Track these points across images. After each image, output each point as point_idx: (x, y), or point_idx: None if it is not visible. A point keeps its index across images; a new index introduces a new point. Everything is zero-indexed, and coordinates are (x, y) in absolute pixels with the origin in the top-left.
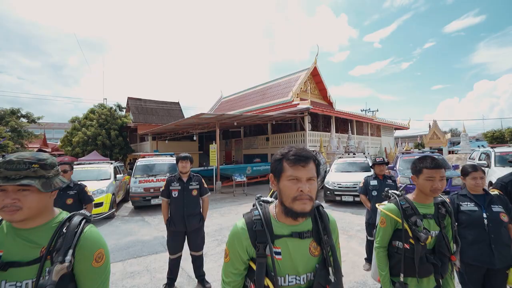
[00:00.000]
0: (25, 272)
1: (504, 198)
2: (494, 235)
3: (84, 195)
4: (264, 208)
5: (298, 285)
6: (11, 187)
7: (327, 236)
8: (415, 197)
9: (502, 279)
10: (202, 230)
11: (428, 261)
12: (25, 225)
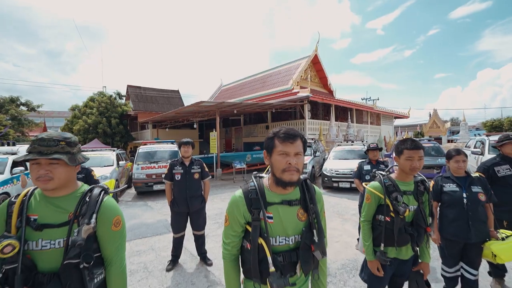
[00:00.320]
0: (57, 233)
1: (484, 180)
2: (472, 212)
3: (91, 178)
4: (259, 180)
5: (287, 245)
6: (44, 161)
7: (312, 204)
8: (397, 175)
9: (477, 252)
10: (204, 211)
11: (406, 232)
12: (55, 194)
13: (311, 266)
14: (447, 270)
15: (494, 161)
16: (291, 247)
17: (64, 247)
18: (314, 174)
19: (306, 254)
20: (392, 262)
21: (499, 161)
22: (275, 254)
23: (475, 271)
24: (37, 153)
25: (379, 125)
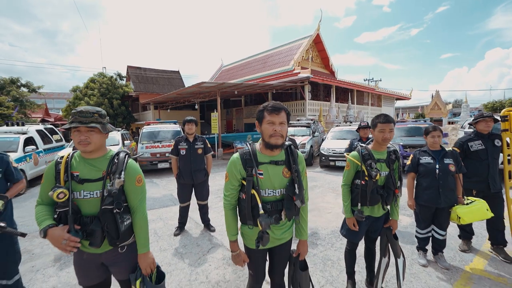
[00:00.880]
0: (94, 186)
1: (456, 153)
2: (442, 181)
3: None
4: (252, 145)
5: (274, 196)
6: (84, 128)
7: (295, 165)
8: (373, 146)
9: (445, 216)
10: (207, 183)
11: (378, 193)
12: (91, 156)
13: (293, 212)
14: (420, 232)
15: (469, 137)
16: (278, 198)
17: (100, 197)
18: (312, 153)
19: (289, 203)
20: (366, 219)
21: (473, 137)
22: (264, 203)
23: (443, 231)
24: (78, 122)
25: (380, 107)
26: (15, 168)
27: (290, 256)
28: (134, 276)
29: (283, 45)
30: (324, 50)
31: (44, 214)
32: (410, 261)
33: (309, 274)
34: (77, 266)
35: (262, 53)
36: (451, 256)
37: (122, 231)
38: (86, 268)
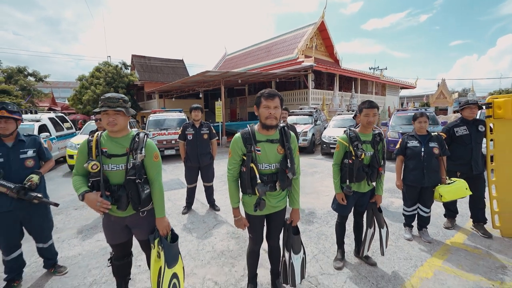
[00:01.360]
0: (119, 160)
1: (440, 137)
2: (427, 163)
3: None
4: (252, 126)
5: (270, 169)
6: (111, 112)
7: (287, 143)
8: (359, 129)
9: (430, 194)
10: (212, 166)
11: (363, 170)
12: (117, 135)
13: (286, 183)
14: (406, 209)
15: (455, 123)
16: (273, 171)
17: (124, 169)
18: (314, 141)
19: (282, 175)
20: (354, 194)
21: (459, 123)
22: (262, 175)
23: (428, 209)
24: (107, 106)
25: (384, 96)
26: (46, 148)
27: (284, 223)
28: (153, 236)
29: (287, 33)
30: (328, 38)
31: (80, 182)
32: (397, 236)
33: (300, 238)
34: (106, 227)
35: (266, 42)
36: (435, 232)
37: (143, 198)
38: (113, 229)
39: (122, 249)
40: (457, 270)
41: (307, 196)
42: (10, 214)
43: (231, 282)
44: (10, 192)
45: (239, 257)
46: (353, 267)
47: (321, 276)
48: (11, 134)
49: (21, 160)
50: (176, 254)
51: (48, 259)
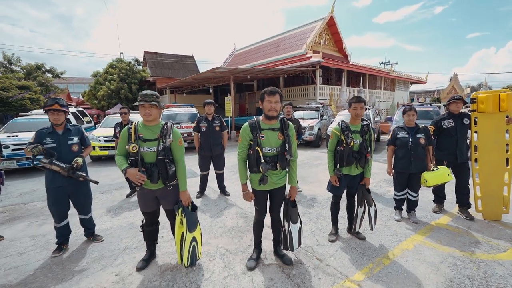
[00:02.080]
0: (152, 144)
1: (427, 129)
2: (414, 152)
3: None
4: (257, 118)
5: (272, 152)
6: (147, 105)
7: (286, 131)
8: (350, 121)
9: (417, 180)
10: (223, 156)
11: (352, 156)
12: (150, 124)
13: (285, 163)
14: (397, 194)
15: (443, 117)
16: (274, 153)
17: (156, 151)
18: (320, 136)
19: (281, 156)
20: (345, 177)
21: (446, 117)
22: (265, 156)
23: (415, 193)
24: (144, 101)
25: (393, 91)
26: (86, 136)
27: (284, 198)
28: (177, 206)
29: (296, 28)
30: (337, 33)
31: (122, 161)
32: (388, 218)
33: (297, 210)
34: (140, 197)
35: (275, 37)
36: (423, 215)
37: (170, 174)
38: (146, 199)
39: (151, 217)
40: (435, 244)
41: (310, 185)
42: (61, 189)
43: (239, 250)
44: (62, 171)
45: (246, 232)
46: (344, 241)
47: (316, 246)
48: (61, 124)
49: (69, 146)
50: (195, 222)
51: (88, 229)
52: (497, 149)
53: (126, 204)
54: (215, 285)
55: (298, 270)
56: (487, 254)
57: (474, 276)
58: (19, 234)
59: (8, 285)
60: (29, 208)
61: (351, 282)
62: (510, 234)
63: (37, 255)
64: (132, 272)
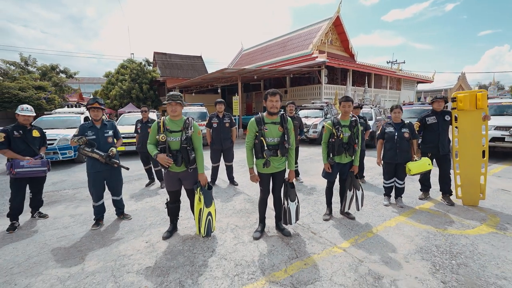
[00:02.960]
0: (177, 134)
1: (411, 124)
2: (399, 145)
3: None
4: (261, 114)
5: (273, 142)
6: (174, 103)
7: (285, 124)
8: (340, 117)
9: (402, 169)
10: (232, 149)
11: (342, 147)
12: (175, 118)
13: (284, 151)
14: (385, 182)
15: (427, 114)
16: (275, 143)
17: (179, 140)
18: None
19: (281, 145)
20: (336, 164)
21: (430, 114)
22: (268, 145)
23: (402, 181)
24: (171, 100)
25: (399, 90)
26: (118, 130)
27: (284, 180)
28: (196, 186)
29: (302, 28)
30: (344, 32)
31: (153, 148)
32: (377, 203)
33: (295, 190)
34: (166, 178)
35: (281, 37)
36: (410, 201)
37: (191, 159)
38: (171, 180)
39: (175, 195)
40: (415, 222)
41: (311, 177)
42: (100, 174)
43: (247, 225)
44: (101, 158)
45: (253, 213)
46: (337, 220)
47: (312, 224)
48: (99, 120)
49: (105, 138)
50: (211, 199)
51: (119, 208)
52: (475, 142)
53: (146, 191)
54: (227, 250)
55: (295, 240)
56: (457, 230)
57: (441, 245)
58: (60, 213)
59: (63, 247)
60: (63, 194)
61: (338, 248)
62: (483, 216)
63: (79, 228)
64: (159, 240)
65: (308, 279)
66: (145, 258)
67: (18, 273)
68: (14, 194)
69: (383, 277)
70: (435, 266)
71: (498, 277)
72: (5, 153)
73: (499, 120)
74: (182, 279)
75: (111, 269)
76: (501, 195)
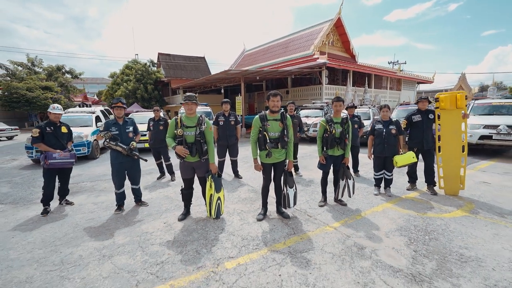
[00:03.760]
0: (192, 129)
1: (398, 122)
2: (387, 140)
3: (167, 124)
4: (264, 111)
5: (275, 136)
6: (190, 103)
7: (285, 121)
8: (333, 115)
9: (390, 162)
10: (237, 145)
11: (334, 141)
12: (191, 116)
13: (284, 143)
14: (375, 174)
15: (413, 112)
16: (276, 137)
17: (194, 134)
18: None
19: (281, 139)
20: (330, 156)
21: (416, 112)
22: (270, 139)
23: (390, 173)
24: (188, 100)
25: (400, 90)
26: (137, 127)
27: (283, 169)
28: (208, 174)
29: (304, 29)
30: (345, 34)
31: (172, 140)
32: (369, 193)
33: (293, 178)
34: (181, 167)
35: (283, 38)
36: (398, 191)
37: (203, 151)
38: (186, 168)
39: (188, 183)
40: (399, 208)
41: (310, 171)
42: (122, 165)
43: (251, 210)
44: (123, 151)
45: (256, 201)
46: (330, 206)
47: (308, 209)
48: (122, 117)
49: (127, 133)
50: (220, 185)
51: (138, 196)
52: (455, 138)
53: (158, 184)
54: (235, 228)
55: (293, 221)
56: (435, 214)
57: (418, 225)
58: (83, 201)
59: (93, 227)
60: (82, 186)
61: (330, 227)
62: (460, 203)
63: (103, 213)
64: (175, 221)
65: (303, 248)
66: (165, 234)
67: (60, 244)
68: (46, 182)
69: (365, 247)
70: (410, 240)
71: (461, 247)
72: (39, 146)
73: (488, 119)
74: (198, 249)
75: (137, 242)
76: (481, 187)
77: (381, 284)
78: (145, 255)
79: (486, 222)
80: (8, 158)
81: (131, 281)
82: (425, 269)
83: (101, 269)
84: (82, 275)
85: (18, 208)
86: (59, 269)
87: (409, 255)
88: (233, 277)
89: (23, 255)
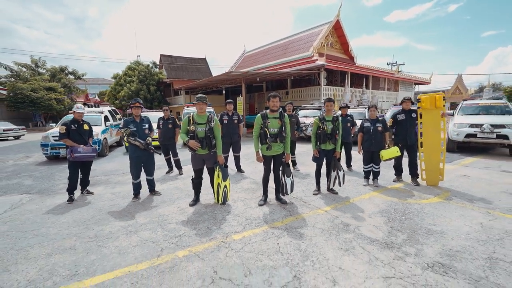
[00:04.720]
0: (202, 126)
1: (383, 120)
2: (374, 136)
3: (175, 123)
4: (265, 111)
5: (274, 132)
6: (201, 103)
7: (283, 119)
8: (325, 114)
9: (377, 156)
10: (239, 142)
11: (326, 136)
12: (202, 114)
13: (282, 138)
14: (364, 167)
15: (398, 112)
16: (275, 132)
17: (204, 130)
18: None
19: (280, 134)
20: (322, 150)
21: (400, 112)
22: (270, 134)
23: (377, 166)
24: (199, 100)
25: (397, 91)
26: (151, 124)
27: (282, 161)
28: (216, 165)
29: (303, 31)
30: (343, 35)
31: (185, 135)
32: (358, 184)
33: (290, 169)
34: (193, 159)
35: (283, 40)
36: (385, 183)
37: (212, 144)
38: (196, 160)
39: (198, 172)
40: (384, 196)
41: (307, 166)
42: (139, 158)
43: (253, 198)
44: (141, 145)
45: (258, 191)
46: (323, 194)
47: (304, 197)
48: (139, 115)
49: (143, 129)
50: (226, 175)
51: (152, 186)
52: (435, 135)
53: (167, 177)
54: (239, 211)
55: (290, 206)
56: (414, 200)
57: (398, 208)
58: (102, 192)
59: (115, 211)
60: (98, 179)
61: (321, 210)
62: (438, 192)
63: (122, 200)
64: (187, 207)
65: (297, 226)
66: (179, 216)
67: (91, 224)
68: (71, 174)
69: (350, 225)
70: (389, 220)
71: (430, 224)
72: (66, 142)
73: (473, 119)
74: (209, 226)
75: (157, 222)
76: (461, 179)
77: (359, 249)
78: (164, 230)
79: (457, 206)
80: (22, 155)
81: (156, 248)
82: (397, 239)
83: (130, 240)
84: (115, 244)
85: (44, 197)
86: (95, 240)
87: (386, 230)
88: (239, 245)
89: (61, 231)
